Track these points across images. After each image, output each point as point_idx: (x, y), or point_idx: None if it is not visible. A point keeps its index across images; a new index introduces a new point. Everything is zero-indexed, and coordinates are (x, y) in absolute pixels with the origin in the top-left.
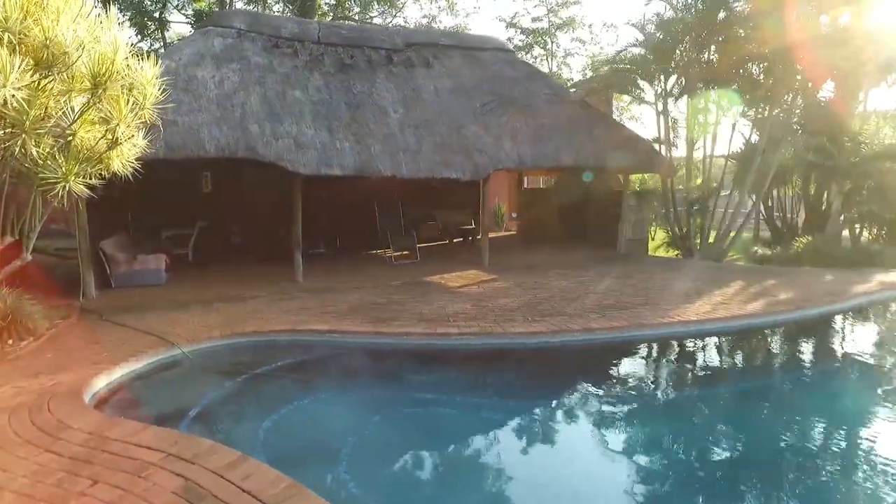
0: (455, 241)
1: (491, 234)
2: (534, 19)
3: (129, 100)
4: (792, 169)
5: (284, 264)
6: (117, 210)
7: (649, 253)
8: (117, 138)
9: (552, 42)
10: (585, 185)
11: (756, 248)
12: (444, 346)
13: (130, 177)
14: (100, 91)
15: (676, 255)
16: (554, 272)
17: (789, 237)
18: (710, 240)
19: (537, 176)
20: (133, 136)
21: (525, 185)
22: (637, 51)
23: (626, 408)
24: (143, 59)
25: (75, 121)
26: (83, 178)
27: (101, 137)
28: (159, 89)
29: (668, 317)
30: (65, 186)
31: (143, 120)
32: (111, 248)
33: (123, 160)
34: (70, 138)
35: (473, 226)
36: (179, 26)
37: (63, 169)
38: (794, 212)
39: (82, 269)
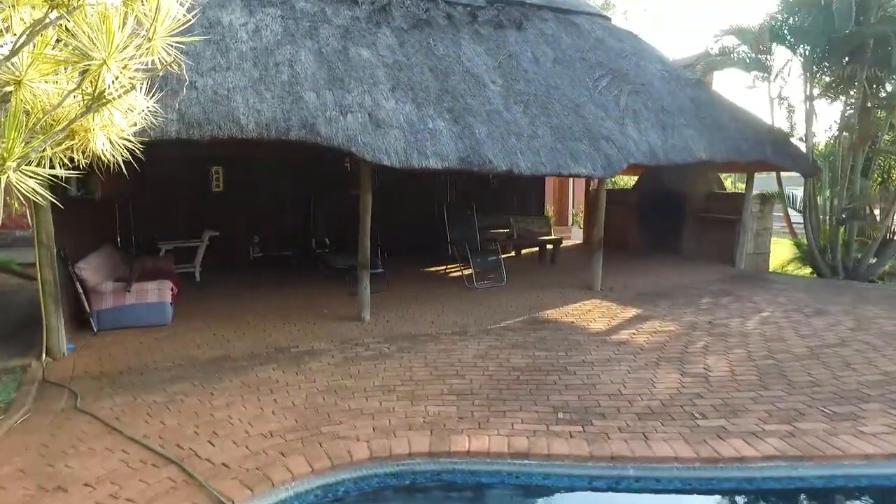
0: (521, 253)
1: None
2: None
3: (124, 20)
4: None
5: (326, 286)
6: (99, 215)
7: (772, 270)
8: (102, 92)
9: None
10: (674, 186)
11: None
12: (732, 481)
13: (123, 165)
14: None
15: (811, 275)
16: (707, 301)
17: None
18: (869, 258)
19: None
20: (133, 89)
21: (592, 185)
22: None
23: None
24: None
25: (16, 52)
26: (38, 163)
27: (74, 90)
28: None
29: None
30: None
31: (152, 64)
32: (92, 272)
33: (114, 134)
34: (7, 90)
35: (552, 235)
36: None
37: None
38: None
39: (44, 309)
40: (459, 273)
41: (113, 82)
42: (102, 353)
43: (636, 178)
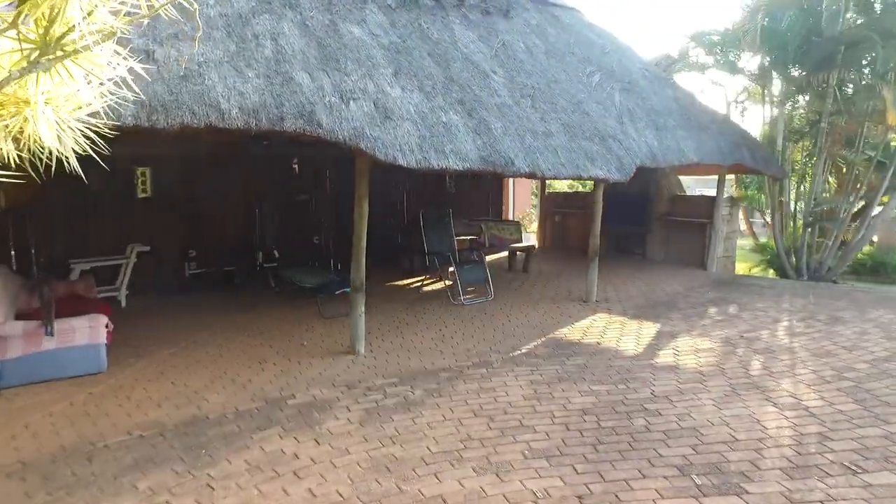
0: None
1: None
2: None
3: None
4: None
5: (288, 309)
6: None
7: (739, 273)
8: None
9: None
10: (637, 188)
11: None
12: None
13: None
14: None
15: (778, 277)
16: (715, 311)
17: None
18: (830, 260)
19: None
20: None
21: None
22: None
23: None
24: None
25: None
26: None
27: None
28: None
29: None
30: None
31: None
32: None
33: (63, 114)
34: None
35: (523, 241)
36: None
37: None
38: None
39: None
40: (433, 286)
41: (85, 19)
42: (16, 427)
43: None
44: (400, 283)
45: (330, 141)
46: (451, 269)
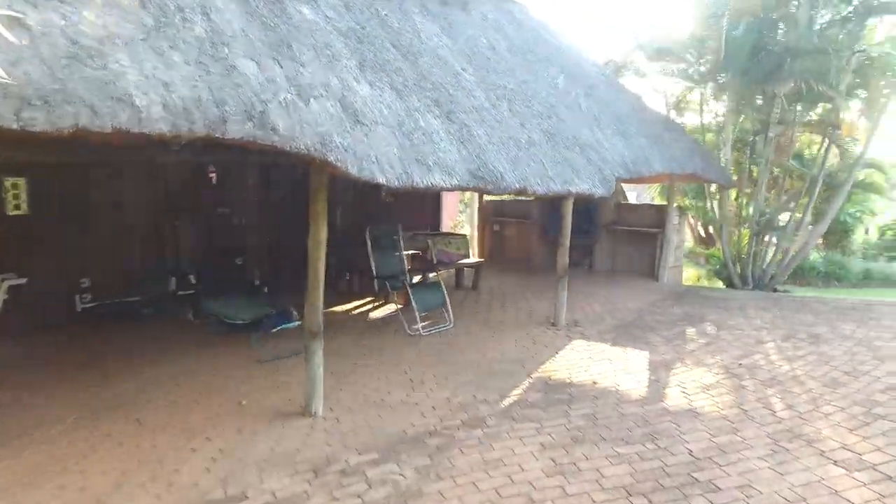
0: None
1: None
2: None
3: None
4: None
5: (213, 349)
6: None
7: (686, 283)
8: None
9: None
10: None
11: None
12: None
13: None
14: None
15: (722, 286)
16: (693, 331)
17: None
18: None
19: None
20: None
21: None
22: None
23: None
24: None
25: None
26: None
27: None
28: None
29: None
30: None
31: None
32: None
33: None
34: None
35: (471, 258)
36: None
37: None
38: None
39: None
40: (381, 309)
41: None
42: None
43: None
44: (342, 307)
45: (288, 152)
46: (404, 292)
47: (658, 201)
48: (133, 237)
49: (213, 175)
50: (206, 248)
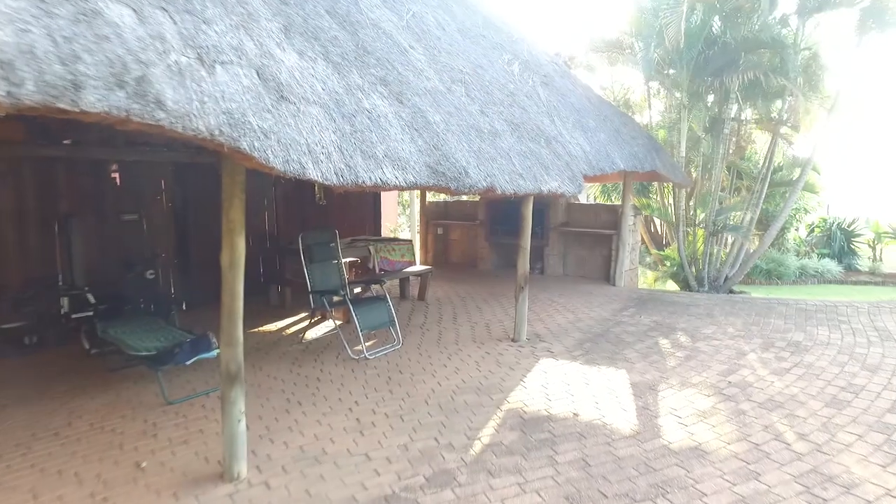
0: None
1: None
2: None
3: None
4: None
5: (113, 387)
6: None
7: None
8: None
9: None
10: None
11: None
12: None
13: None
14: None
15: (677, 289)
16: (666, 343)
17: None
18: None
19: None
20: None
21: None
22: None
23: None
24: None
25: None
26: None
27: None
28: None
29: None
30: None
31: None
32: None
33: None
34: None
35: (417, 266)
36: None
37: None
38: None
39: None
40: (317, 327)
41: None
42: None
43: None
44: (272, 326)
45: (180, 135)
46: (343, 307)
47: (600, 201)
48: (12, 250)
49: (117, 175)
50: (108, 260)
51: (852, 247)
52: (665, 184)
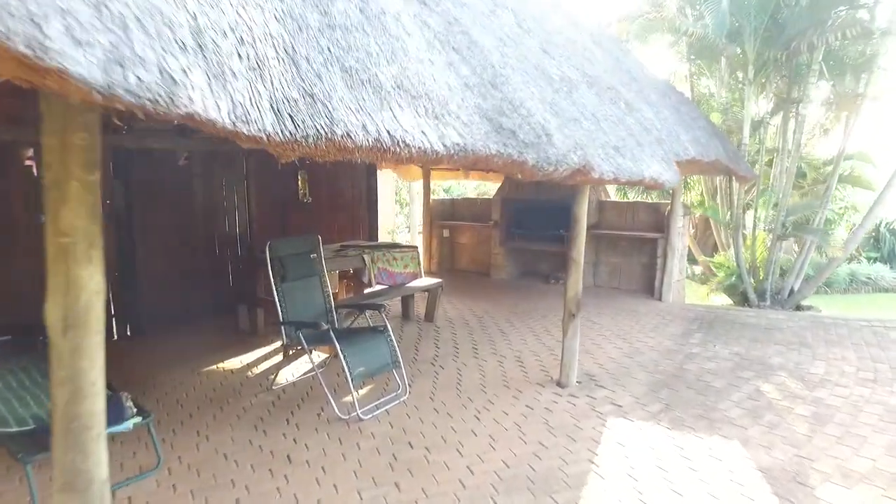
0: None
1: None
2: None
3: None
4: None
5: None
6: None
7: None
8: None
9: None
10: (551, 194)
11: None
12: None
13: None
14: None
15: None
16: (769, 387)
17: None
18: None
19: (446, 176)
20: None
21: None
22: None
23: None
24: None
25: None
26: None
27: None
28: None
29: None
30: None
31: None
32: None
33: None
34: None
35: (423, 279)
36: None
37: None
38: None
39: None
40: (294, 367)
41: None
42: None
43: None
44: (236, 362)
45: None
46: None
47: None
48: None
49: (32, 164)
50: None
51: None
52: (708, 179)
